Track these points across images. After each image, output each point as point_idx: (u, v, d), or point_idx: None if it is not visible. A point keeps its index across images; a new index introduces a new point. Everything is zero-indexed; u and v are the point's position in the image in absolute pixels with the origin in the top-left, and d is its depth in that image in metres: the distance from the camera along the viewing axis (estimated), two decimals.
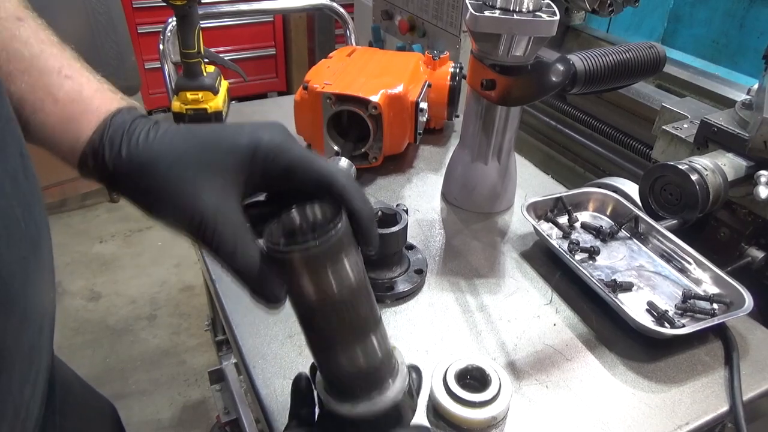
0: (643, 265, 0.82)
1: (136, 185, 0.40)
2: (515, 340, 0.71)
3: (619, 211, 0.89)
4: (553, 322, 0.74)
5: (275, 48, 3.42)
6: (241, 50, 3.30)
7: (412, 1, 1.81)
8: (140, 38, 2.96)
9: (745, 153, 0.93)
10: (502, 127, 0.87)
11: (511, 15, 0.76)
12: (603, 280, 0.77)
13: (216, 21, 3.05)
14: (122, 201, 3.06)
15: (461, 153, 0.93)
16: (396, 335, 0.71)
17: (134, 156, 0.39)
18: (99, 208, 2.80)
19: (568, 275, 0.81)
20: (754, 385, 0.66)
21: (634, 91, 1.39)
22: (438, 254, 0.85)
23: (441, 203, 0.97)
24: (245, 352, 0.67)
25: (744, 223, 1.00)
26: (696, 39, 1.96)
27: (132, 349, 2.08)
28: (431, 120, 1.15)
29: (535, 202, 0.87)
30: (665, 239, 0.83)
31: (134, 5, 2.89)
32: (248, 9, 1.51)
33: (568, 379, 0.66)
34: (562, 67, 0.66)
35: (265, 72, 3.47)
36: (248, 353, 0.67)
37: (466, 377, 0.62)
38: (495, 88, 0.79)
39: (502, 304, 0.76)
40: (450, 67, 1.11)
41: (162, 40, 1.35)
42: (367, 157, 0.98)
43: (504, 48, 0.78)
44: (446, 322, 0.73)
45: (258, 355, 0.67)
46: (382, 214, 0.76)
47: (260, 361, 0.66)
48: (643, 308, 0.74)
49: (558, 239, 0.86)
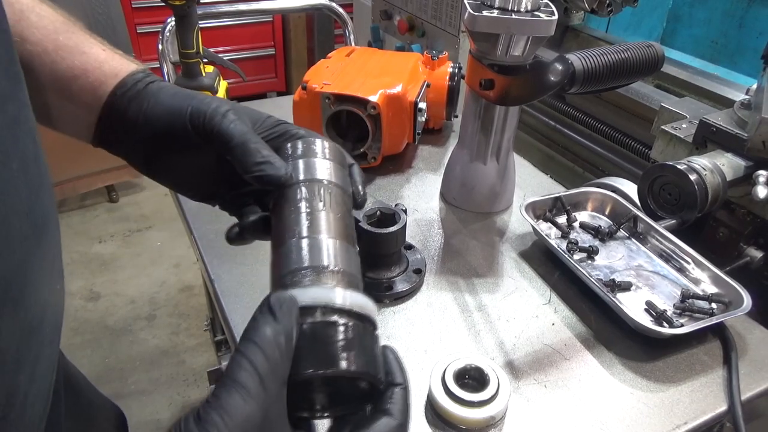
0: (642, 265, 0.82)
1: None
2: (514, 340, 0.71)
3: (618, 210, 0.89)
4: (552, 321, 0.74)
5: (274, 48, 3.42)
6: (240, 50, 3.30)
7: (411, 1, 1.81)
8: (140, 38, 2.97)
9: (743, 153, 0.93)
10: (500, 127, 0.87)
11: (510, 15, 0.76)
12: (601, 280, 0.77)
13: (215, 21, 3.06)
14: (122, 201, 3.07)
15: (460, 153, 0.94)
16: (394, 335, 0.71)
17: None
18: (98, 208, 2.80)
19: (566, 275, 0.81)
20: (752, 384, 0.66)
21: (633, 91, 1.39)
22: (436, 254, 0.85)
23: (440, 203, 0.97)
24: None
25: (743, 223, 1.00)
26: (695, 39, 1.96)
27: (131, 349, 2.09)
28: (430, 120, 1.15)
29: (533, 202, 0.88)
30: (664, 239, 0.83)
31: (134, 5, 2.90)
32: (247, 9, 1.51)
33: (566, 379, 0.66)
34: (560, 67, 0.66)
35: (264, 72, 3.47)
36: None
37: (464, 377, 0.62)
38: (493, 87, 0.79)
39: (501, 304, 0.76)
40: (449, 67, 1.11)
41: (161, 40, 1.35)
42: (366, 157, 0.98)
43: (502, 48, 0.78)
44: (445, 321, 0.73)
45: None
46: (380, 214, 0.76)
47: None
48: (642, 308, 0.74)
49: (557, 239, 0.86)
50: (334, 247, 0.41)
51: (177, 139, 0.47)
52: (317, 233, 0.41)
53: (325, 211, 0.43)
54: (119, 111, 0.47)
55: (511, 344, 0.70)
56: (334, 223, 0.42)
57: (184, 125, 0.46)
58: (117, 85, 0.48)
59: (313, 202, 0.43)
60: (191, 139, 0.47)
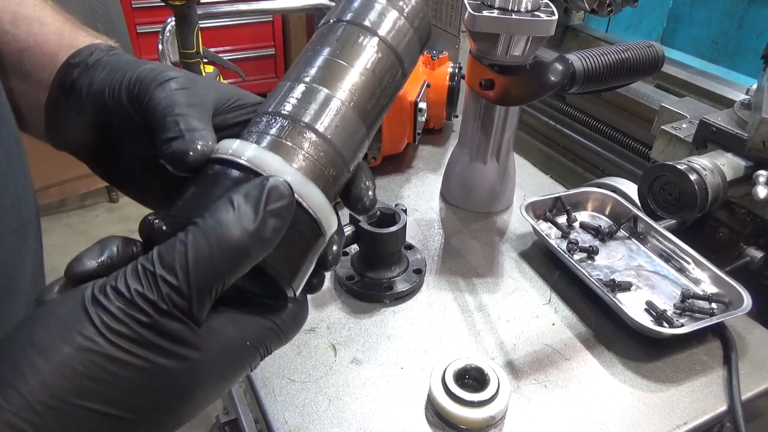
0: (642, 265, 0.82)
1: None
2: (514, 340, 0.71)
3: (618, 210, 0.89)
4: (552, 321, 0.74)
5: (274, 48, 3.42)
6: (240, 50, 3.30)
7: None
8: (140, 38, 2.96)
9: (743, 153, 0.92)
10: (500, 127, 0.87)
11: (510, 15, 0.76)
12: (602, 280, 0.77)
13: (215, 21, 3.06)
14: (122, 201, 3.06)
15: (460, 153, 0.94)
16: (395, 335, 0.71)
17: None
18: (98, 208, 2.80)
19: (566, 275, 0.81)
20: (752, 384, 0.66)
21: (633, 91, 1.38)
22: (437, 254, 0.85)
23: (440, 203, 0.97)
24: None
25: (743, 223, 0.99)
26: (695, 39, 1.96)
27: None
28: (430, 120, 1.15)
29: (534, 202, 0.88)
30: (664, 239, 0.83)
31: (134, 5, 2.89)
32: (247, 9, 1.51)
33: (566, 379, 0.66)
34: (560, 67, 0.66)
35: (264, 72, 3.47)
36: None
37: (464, 377, 0.62)
38: (493, 87, 0.79)
39: (501, 304, 0.76)
40: (449, 68, 1.11)
41: (161, 40, 1.35)
42: (365, 157, 0.98)
43: (502, 48, 0.78)
44: (445, 321, 0.73)
45: None
46: (380, 214, 0.76)
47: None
48: (642, 308, 0.74)
49: (557, 239, 0.86)
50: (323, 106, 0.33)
51: (120, 121, 0.36)
52: (315, 81, 0.34)
53: (349, 66, 0.34)
54: (66, 87, 0.39)
55: (511, 344, 0.70)
56: (355, 82, 0.34)
57: (120, 99, 0.36)
58: (70, 55, 0.39)
59: (342, 47, 0.34)
60: (133, 119, 0.36)
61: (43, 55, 0.40)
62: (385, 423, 0.60)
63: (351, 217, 0.75)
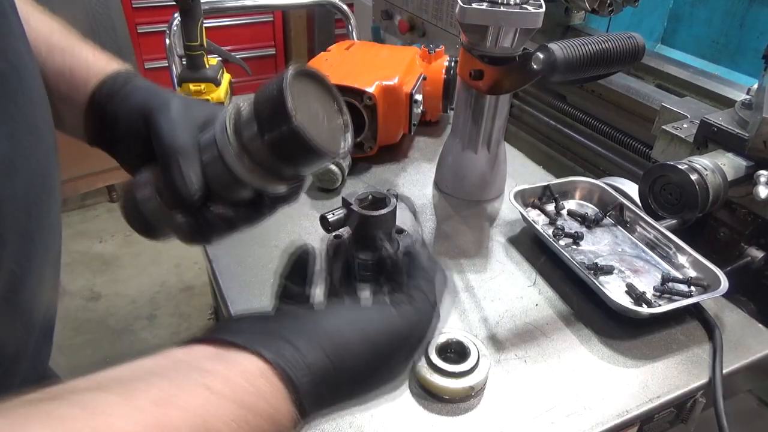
0: (626, 251, 0.84)
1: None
2: (497, 318, 0.74)
3: (605, 199, 0.92)
4: (536, 302, 0.77)
5: (275, 48, 3.42)
6: (241, 50, 3.29)
7: (411, 0, 1.84)
8: (140, 38, 2.95)
9: (744, 153, 0.92)
10: (491, 116, 0.90)
11: (498, 7, 0.78)
12: (584, 263, 0.79)
13: (216, 20, 3.08)
14: None
15: (452, 142, 0.96)
16: None
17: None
18: (98, 207, 2.78)
19: (552, 259, 0.83)
20: (727, 363, 0.68)
21: (634, 91, 1.39)
22: (428, 238, 0.88)
23: (433, 191, 1.00)
24: None
25: (744, 223, 0.99)
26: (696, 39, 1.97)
27: (132, 348, 2.07)
28: (427, 112, 1.18)
29: (523, 190, 0.90)
30: (649, 226, 0.85)
31: (134, 5, 2.88)
32: (252, 4, 1.54)
33: (546, 354, 0.69)
34: (542, 56, 0.68)
35: (265, 72, 3.46)
36: None
37: (447, 350, 0.65)
38: (483, 78, 0.82)
39: (488, 285, 0.79)
40: (445, 61, 1.14)
41: (168, 35, 1.39)
42: (362, 147, 1.02)
43: (492, 39, 0.81)
44: None
45: None
46: (372, 198, 0.79)
47: None
48: (623, 290, 0.77)
49: (544, 225, 0.88)
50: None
51: (145, 141, 0.47)
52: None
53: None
54: (100, 110, 0.49)
55: (494, 322, 0.73)
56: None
57: (138, 126, 0.47)
58: (98, 84, 0.50)
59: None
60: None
61: (76, 82, 0.50)
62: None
63: (343, 200, 0.78)
